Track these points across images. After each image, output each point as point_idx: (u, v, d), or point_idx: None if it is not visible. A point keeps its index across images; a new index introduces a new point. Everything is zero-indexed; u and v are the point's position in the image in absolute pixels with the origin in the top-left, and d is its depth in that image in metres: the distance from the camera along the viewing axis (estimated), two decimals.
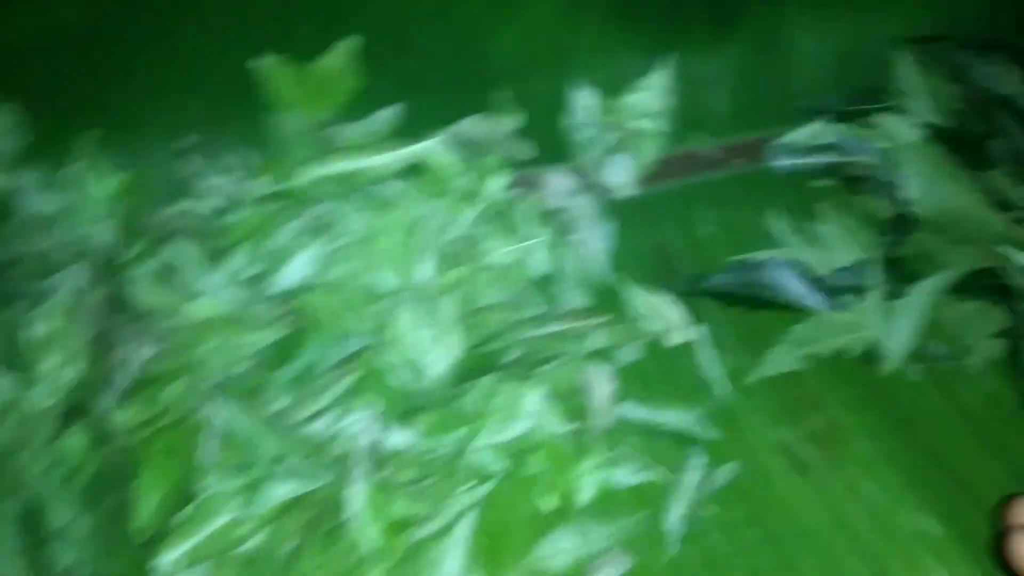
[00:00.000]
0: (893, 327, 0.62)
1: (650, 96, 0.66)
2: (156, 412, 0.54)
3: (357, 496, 0.52)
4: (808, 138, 0.68)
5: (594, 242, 0.64)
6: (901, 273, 0.63)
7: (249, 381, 0.55)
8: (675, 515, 0.57)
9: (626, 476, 0.57)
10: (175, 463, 0.53)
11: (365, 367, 0.55)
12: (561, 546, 0.54)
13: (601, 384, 0.59)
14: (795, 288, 0.63)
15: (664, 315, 0.63)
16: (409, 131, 0.63)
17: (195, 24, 0.60)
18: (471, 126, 0.63)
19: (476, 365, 0.58)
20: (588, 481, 0.56)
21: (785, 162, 0.69)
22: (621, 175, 0.65)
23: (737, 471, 0.58)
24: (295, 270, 0.57)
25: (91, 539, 0.54)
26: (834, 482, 0.58)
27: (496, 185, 0.62)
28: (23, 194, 0.57)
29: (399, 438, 0.55)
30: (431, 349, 0.57)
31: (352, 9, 0.62)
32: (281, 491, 0.53)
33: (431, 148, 0.60)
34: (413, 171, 0.61)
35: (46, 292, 0.56)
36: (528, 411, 0.56)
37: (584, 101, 0.66)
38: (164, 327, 0.56)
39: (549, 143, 0.65)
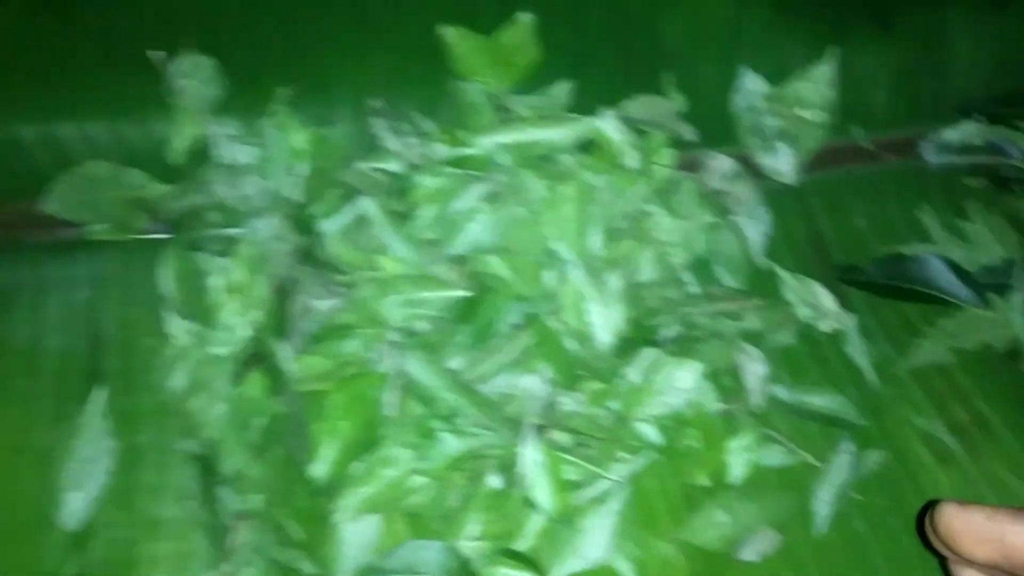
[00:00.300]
0: None
1: (814, 87, 0.67)
2: (336, 363, 0.56)
3: (530, 455, 0.53)
4: (961, 137, 0.69)
5: (752, 226, 0.65)
6: None
7: (428, 338, 0.57)
8: (822, 498, 0.58)
9: (775, 457, 0.59)
10: (355, 413, 0.55)
11: (537, 332, 0.57)
12: (711, 521, 0.56)
13: (754, 365, 0.60)
14: (944, 282, 0.65)
15: (816, 302, 0.64)
16: (579, 107, 0.64)
17: None
18: (639, 106, 0.64)
19: (636, 338, 0.59)
20: (739, 460, 0.57)
21: (938, 159, 0.70)
22: (782, 163, 0.66)
23: (883, 459, 0.59)
24: (473, 234, 0.58)
25: (265, 484, 0.55)
26: (977, 474, 0.59)
27: (661, 164, 0.63)
28: (219, 143, 0.59)
29: (565, 403, 0.56)
30: (598, 319, 0.58)
31: None
32: (454, 446, 0.55)
33: (604, 124, 0.62)
34: (584, 146, 0.62)
35: (234, 240, 0.58)
36: (684, 387, 0.57)
37: (750, 87, 0.67)
38: (348, 280, 0.57)
39: (712, 126, 0.66)
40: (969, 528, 0.42)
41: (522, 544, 0.53)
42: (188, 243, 0.58)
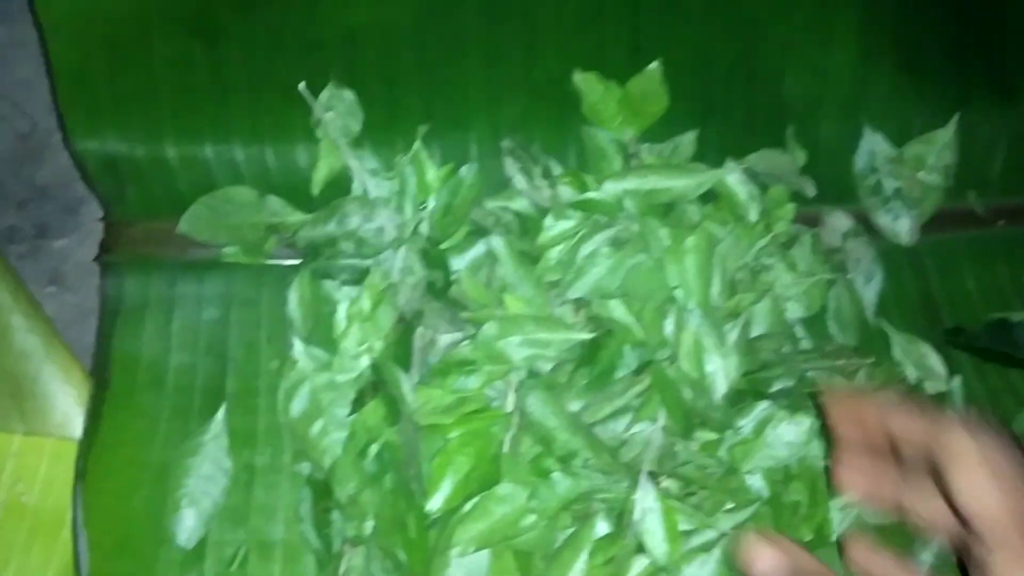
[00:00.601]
0: None
1: (934, 150, 0.67)
2: (457, 398, 0.56)
3: (646, 502, 0.53)
4: None
5: (866, 285, 0.65)
6: None
7: (549, 379, 0.57)
8: (924, 560, 0.58)
9: (879, 515, 0.58)
10: (473, 449, 0.56)
11: (656, 378, 0.57)
12: None
13: None
14: None
15: (925, 363, 0.64)
16: (703, 156, 0.65)
17: (516, 30, 0.62)
18: (761, 159, 0.65)
19: (749, 390, 0.59)
20: (842, 516, 0.57)
21: None
22: (899, 223, 0.66)
23: None
24: (597, 278, 0.59)
25: (377, 512, 0.56)
26: None
27: (782, 218, 0.63)
28: (357, 175, 0.60)
29: (679, 451, 0.56)
30: (715, 369, 0.58)
31: (658, 35, 0.64)
32: (566, 487, 0.55)
33: (729, 177, 0.62)
34: (707, 196, 0.63)
35: (363, 271, 0.59)
36: (793, 441, 0.57)
37: (872, 146, 0.67)
38: (472, 316, 0.58)
39: (831, 183, 0.66)
40: (857, 413, 0.44)
41: None
42: (319, 271, 0.59)
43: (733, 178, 0.62)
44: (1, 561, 0.57)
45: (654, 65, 0.64)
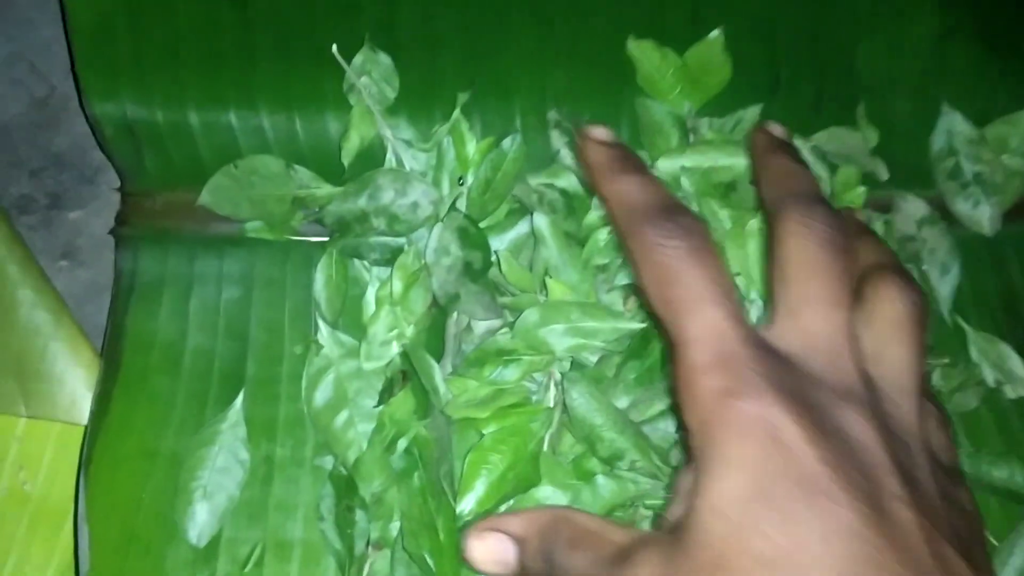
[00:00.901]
0: None
1: (1019, 131, 0.61)
2: (493, 390, 0.52)
3: None
4: None
5: (941, 277, 0.59)
6: None
7: (595, 372, 0.52)
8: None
9: None
10: (510, 447, 0.51)
11: None
12: None
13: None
14: None
15: (1005, 366, 0.59)
16: None
17: None
18: (830, 138, 0.60)
19: None
20: None
21: None
22: (979, 211, 0.61)
23: None
24: None
25: (404, 512, 0.51)
26: None
27: (852, 202, 0.58)
28: (391, 146, 0.55)
29: None
30: None
31: (719, 1, 0.59)
32: (611, 491, 0.50)
33: None
34: None
35: (395, 250, 0.54)
36: None
37: (951, 126, 0.61)
38: (512, 302, 0.53)
39: (905, 166, 0.61)
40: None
41: None
42: (347, 248, 0.55)
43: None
44: (0, 553, 0.53)
45: (715, 33, 0.58)
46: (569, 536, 0.35)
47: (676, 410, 0.35)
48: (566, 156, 0.56)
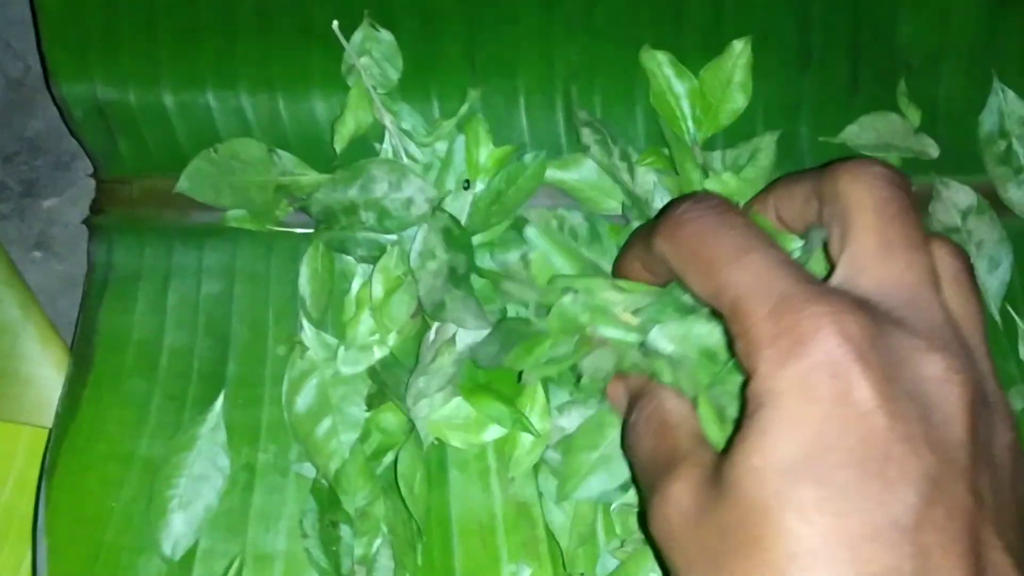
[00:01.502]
0: None
1: None
2: (474, 421, 0.48)
3: None
4: None
5: (990, 272, 0.54)
6: None
7: None
8: None
9: None
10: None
11: None
12: None
13: None
14: None
15: None
16: (796, 115, 0.55)
17: None
18: (864, 128, 0.54)
19: None
20: None
21: None
22: None
23: None
24: None
25: (390, 528, 0.48)
26: None
27: None
28: (389, 134, 0.51)
29: None
30: None
31: None
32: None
33: None
34: None
35: (384, 247, 0.50)
36: None
37: (1002, 105, 0.56)
38: (542, 298, 0.49)
39: (950, 151, 0.55)
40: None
41: None
42: (333, 241, 0.50)
43: None
44: None
45: (740, 45, 0.53)
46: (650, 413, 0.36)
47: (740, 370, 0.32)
48: (595, 152, 0.51)
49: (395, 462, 0.48)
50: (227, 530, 0.49)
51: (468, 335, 0.49)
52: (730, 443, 0.30)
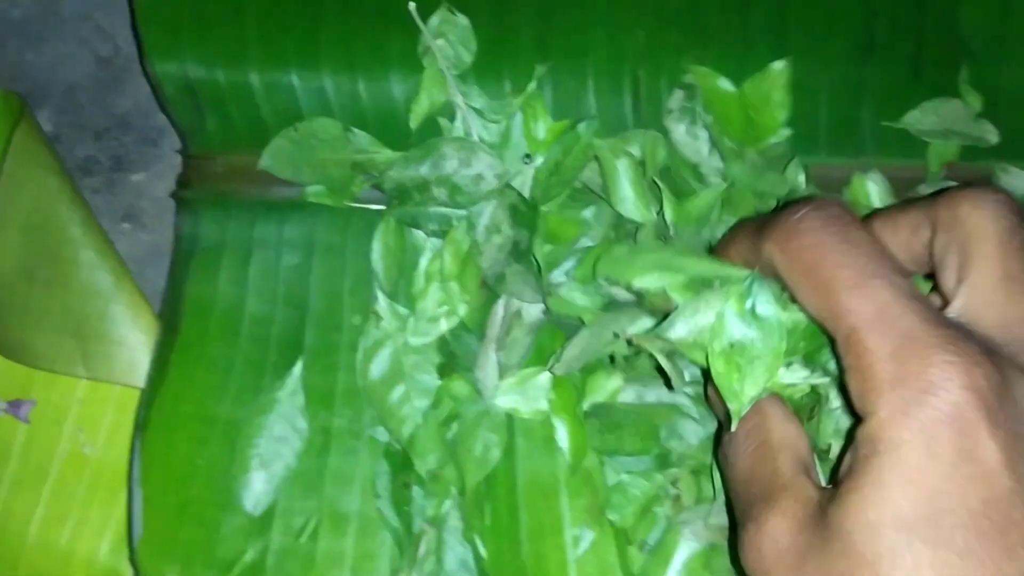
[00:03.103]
0: None
1: None
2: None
3: None
4: None
5: None
6: None
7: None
8: None
9: None
10: None
11: None
12: None
13: None
14: None
15: None
16: (858, 98, 0.56)
17: None
18: (926, 113, 0.55)
19: None
20: None
21: None
22: None
23: None
24: None
25: (460, 490, 0.50)
26: None
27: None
28: (461, 114, 0.53)
29: None
30: None
31: None
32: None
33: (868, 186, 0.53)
34: None
35: (452, 222, 0.52)
36: None
37: None
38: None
39: (1012, 138, 0.56)
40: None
41: None
42: (405, 217, 0.53)
43: (871, 188, 0.53)
44: (59, 516, 0.53)
45: (779, 65, 0.53)
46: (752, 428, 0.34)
47: (847, 403, 0.31)
48: (680, 134, 0.53)
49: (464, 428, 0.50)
50: (304, 489, 0.51)
51: (533, 309, 0.51)
52: (837, 483, 0.29)
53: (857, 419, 0.28)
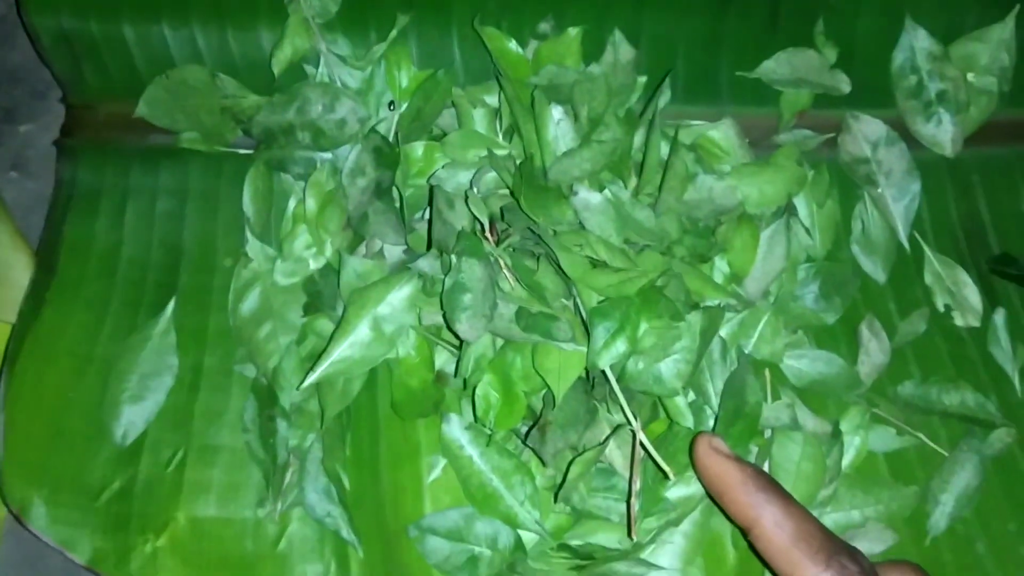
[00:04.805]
0: None
1: (987, 49, 0.58)
2: None
3: None
4: None
5: (897, 201, 0.57)
6: None
7: None
8: (941, 501, 0.52)
9: (885, 442, 0.54)
10: None
11: None
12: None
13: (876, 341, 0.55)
14: None
15: (958, 293, 0.56)
16: (716, 54, 0.58)
17: None
18: (780, 63, 0.57)
19: None
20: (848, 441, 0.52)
21: None
22: (941, 132, 0.58)
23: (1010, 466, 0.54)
24: None
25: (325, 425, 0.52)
26: None
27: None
28: (324, 60, 0.55)
29: None
30: None
31: None
32: None
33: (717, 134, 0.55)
34: None
35: (316, 165, 0.54)
36: None
37: (914, 42, 0.58)
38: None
39: (864, 86, 0.58)
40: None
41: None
42: (273, 161, 0.55)
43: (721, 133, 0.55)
44: None
45: (573, 31, 0.56)
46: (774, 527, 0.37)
47: None
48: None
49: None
50: (174, 424, 0.53)
51: (395, 250, 0.53)
52: None
53: None
